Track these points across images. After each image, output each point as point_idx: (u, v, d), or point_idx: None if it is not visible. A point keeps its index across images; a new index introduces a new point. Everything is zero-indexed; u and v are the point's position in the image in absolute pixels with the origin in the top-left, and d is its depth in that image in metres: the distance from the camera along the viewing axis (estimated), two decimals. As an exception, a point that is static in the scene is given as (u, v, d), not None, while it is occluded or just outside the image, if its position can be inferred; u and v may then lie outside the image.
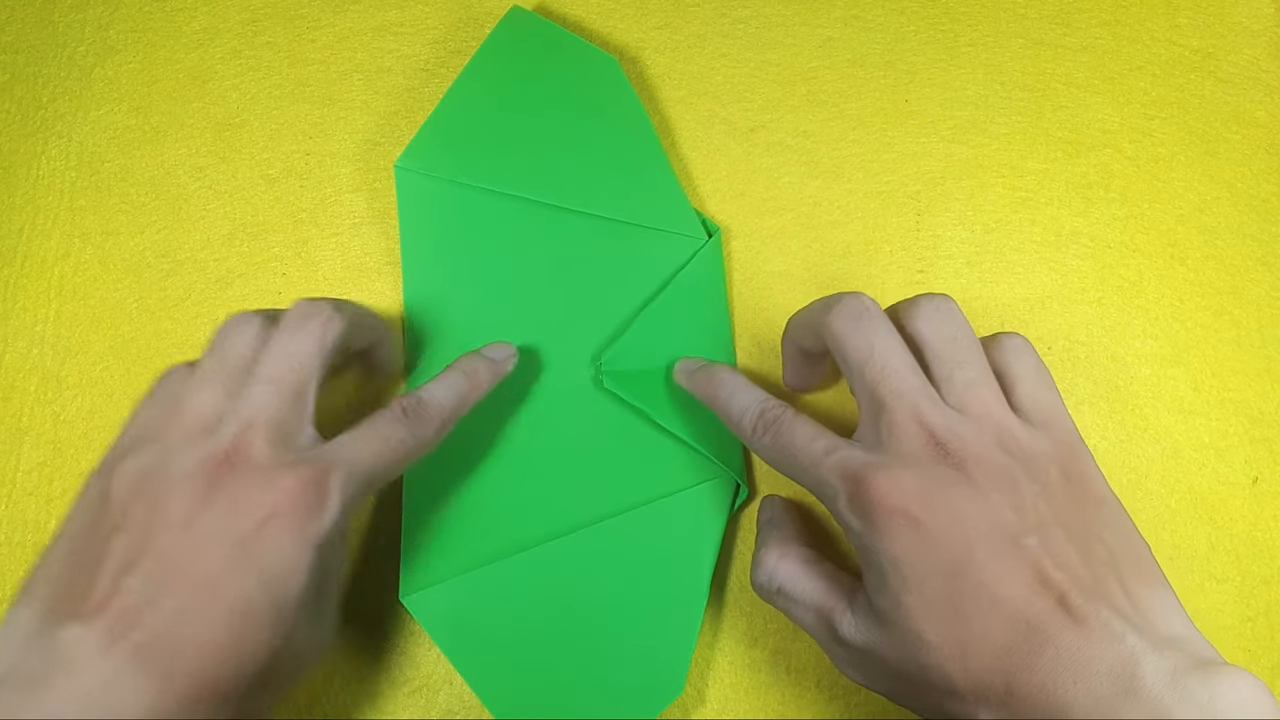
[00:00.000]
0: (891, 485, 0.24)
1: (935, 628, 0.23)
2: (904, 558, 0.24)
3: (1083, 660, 0.22)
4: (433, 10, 0.39)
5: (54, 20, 0.38)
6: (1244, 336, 0.35)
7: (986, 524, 0.24)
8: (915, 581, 0.24)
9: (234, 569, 0.23)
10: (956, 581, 0.23)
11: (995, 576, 0.23)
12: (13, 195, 0.36)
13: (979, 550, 0.23)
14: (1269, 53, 0.39)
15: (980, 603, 0.23)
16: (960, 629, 0.23)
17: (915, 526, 0.24)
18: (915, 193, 0.37)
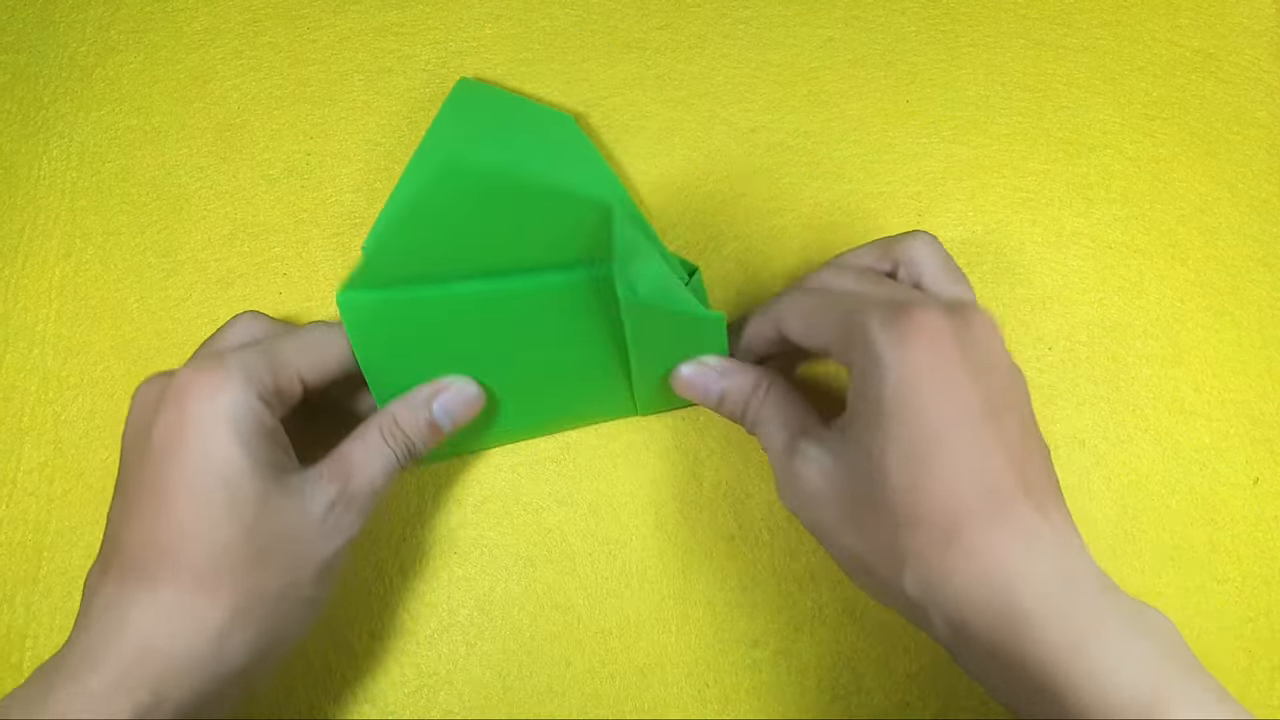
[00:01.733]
0: (938, 320, 0.25)
1: (902, 463, 0.24)
2: (909, 381, 0.24)
3: (1038, 541, 0.23)
4: (433, 10, 0.39)
5: (55, 21, 0.38)
6: (1245, 337, 0.35)
7: (988, 401, 0.25)
8: (909, 411, 0.24)
9: (160, 472, 0.25)
10: (943, 430, 0.24)
11: (980, 440, 0.24)
12: (14, 195, 0.36)
13: (974, 409, 0.24)
14: (1270, 53, 0.39)
15: (957, 456, 0.24)
16: (924, 471, 0.24)
17: (935, 361, 0.24)
18: (916, 193, 0.37)
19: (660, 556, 0.33)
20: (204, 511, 0.24)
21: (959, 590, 0.23)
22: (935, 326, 0.25)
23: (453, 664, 0.32)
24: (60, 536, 0.33)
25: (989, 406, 0.25)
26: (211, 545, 0.24)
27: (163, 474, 0.25)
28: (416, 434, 0.29)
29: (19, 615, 0.32)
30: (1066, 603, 0.23)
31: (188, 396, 0.25)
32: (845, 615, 0.32)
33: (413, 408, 0.29)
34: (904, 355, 0.25)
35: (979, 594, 0.23)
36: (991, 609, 0.23)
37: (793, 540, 0.33)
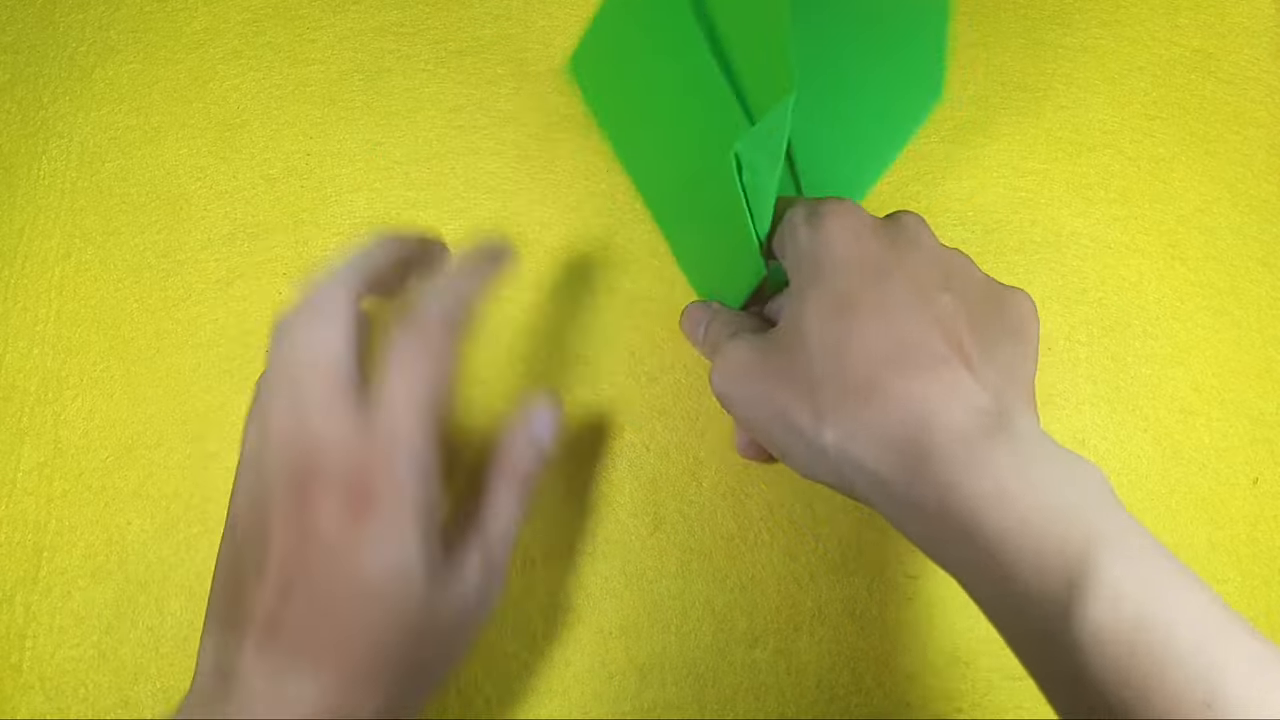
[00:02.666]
0: (850, 214, 0.27)
1: (822, 323, 0.25)
2: (828, 257, 0.26)
3: (960, 391, 0.23)
4: (433, 10, 0.39)
5: (55, 21, 0.38)
6: (1244, 336, 0.35)
7: (912, 274, 0.25)
8: (826, 281, 0.25)
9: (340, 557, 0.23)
10: (861, 293, 0.25)
11: (901, 302, 0.25)
12: (13, 195, 0.36)
13: (895, 282, 0.25)
14: (1269, 53, 0.39)
15: (875, 314, 0.24)
16: (842, 329, 0.25)
17: (854, 239, 0.26)
18: (916, 193, 0.37)
19: (660, 556, 0.33)
20: (374, 610, 0.23)
21: (873, 438, 0.23)
22: (851, 211, 0.27)
23: (453, 664, 0.32)
24: (60, 536, 0.33)
25: (912, 278, 0.25)
26: (377, 644, 0.23)
27: (330, 558, 0.23)
28: (534, 468, 0.28)
29: (18, 615, 0.32)
30: (988, 448, 0.22)
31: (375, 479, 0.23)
32: (845, 615, 0.32)
33: (514, 438, 0.28)
34: (822, 236, 0.26)
35: (892, 440, 0.23)
36: (904, 456, 0.23)
37: (793, 540, 0.33)
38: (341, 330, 0.24)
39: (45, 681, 0.32)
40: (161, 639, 0.32)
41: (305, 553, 0.24)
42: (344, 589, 0.23)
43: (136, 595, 0.32)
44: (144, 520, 0.33)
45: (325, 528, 0.23)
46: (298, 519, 0.24)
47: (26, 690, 0.31)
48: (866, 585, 0.33)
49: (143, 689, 0.32)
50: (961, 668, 0.32)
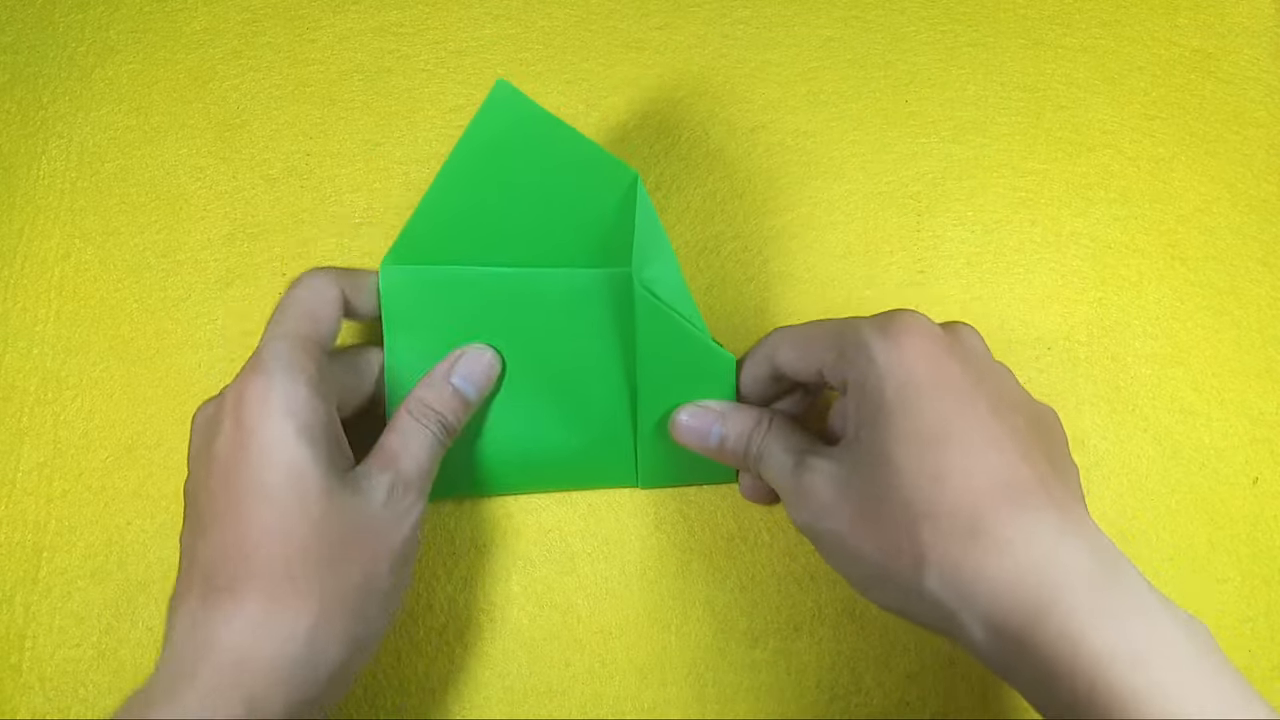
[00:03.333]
0: (928, 324, 0.26)
1: (913, 457, 0.24)
2: (911, 380, 0.24)
3: (1068, 531, 0.22)
4: (433, 10, 0.39)
5: (54, 21, 0.38)
6: (1244, 336, 0.35)
7: (991, 398, 0.25)
8: (913, 406, 0.24)
9: (223, 484, 0.25)
10: (952, 421, 0.24)
11: (990, 433, 0.24)
12: (13, 195, 0.36)
13: (978, 403, 0.24)
14: (1269, 53, 0.39)
15: (969, 448, 0.24)
16: (937, 462, 0.24)
17: (933, 359, 0.25)
18: (915, 193, 0.37)
19: (660, 556, 0.33)
20: (275, 514, 0.24)
21: (985, 583, 0.22)
22: (927, 329, 0.25)
23: (452, 664, 0.32)
24: (60, 536, 0.33)
25: (993, 403, 0.24)
26: (287, 549, 0.24)
27: (230, 485, 0.25)
28: (445, 407, 0.29)
29: (18, 615, 0.32)
30: (1112, 600, 0.21)
31: (243, 404, 0.25)
32: (845, 615, 0.32)
33: (434, 384, 0.30)
34: (901, 356, 0.25)
35: (1007, 586, 0.22)
36: (1022, 604, 0.22)
37: (793, 540, 0.33)
38: None
39: (45, 681, 0.32)
40: (161, 639, 0.32)
41: (210, 485, 0.25)
42: (242, 503, 0.24)
43: (136, 595, 0.32)
44: (144, 520, 0.33)
45: (219, 452, 0.25)
46: (204, 459, 0.26)
47: (26, 690, 0.31)
48: (866, 585, 0.33)
49: (143, 689, 0.32)
50: (960, 668, 0.32)
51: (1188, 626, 0.22)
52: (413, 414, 0.29)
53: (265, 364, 0.26)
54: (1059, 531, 0.22)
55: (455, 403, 0.30)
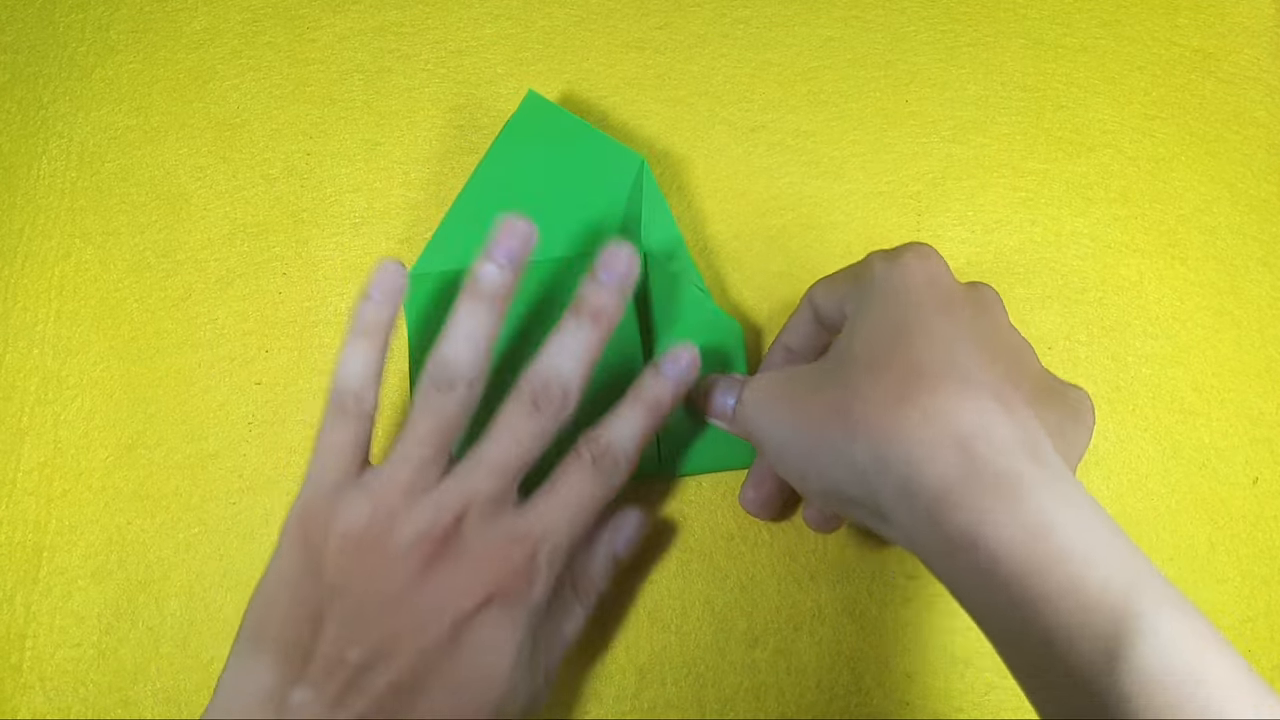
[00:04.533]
0: (933, 258, 0.26)
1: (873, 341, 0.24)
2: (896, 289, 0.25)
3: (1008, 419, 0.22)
4: (433, 10, 0.39)
5: (54, 20, 0.38)
6: (1244, 336, 0.35)
7: (979, 323, 0.25)
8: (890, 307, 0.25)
9: (450, 649, 0.24)
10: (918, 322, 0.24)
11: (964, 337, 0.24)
12: (13, 195, 0.36)
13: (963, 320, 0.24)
14: (1269, 53, 0.39)
15: (925, 339, 0.24)
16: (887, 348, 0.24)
17: (930, 277, 0.25)
18: (916, 193, 0.37)
19: (660, 556, 0.33)
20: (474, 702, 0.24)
21: (907, 446, 0.22)
22: (935, 260, 0.26)
23: (452, 664, 0.32)
24: (60, 536, 0.33)
25: (972, 326, 0.24)
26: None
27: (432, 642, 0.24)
28: (603, 577, 0.29)
29: (19, 615, 0.32)
30: (1028, 479, 0.21)
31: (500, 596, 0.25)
32: (845, 615, 0.32)
33: (596, 554, 0.29)
34: (901, 273, 0.25)
35: (928, 451, 0.22)
36: (938, 471, 0.21)
37: (792, 540, 0.33)
38: None
39: (45, 681, 0.32)
40: (161, 639, 0.32)
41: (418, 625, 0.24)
42: (441, 681, 0.24)
43: (136, 595, 0.32)
44: (144, 520, 0.33)
45: (447, 608, 0.24)
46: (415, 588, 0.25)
47: (26, 690, 0.31)
48: (866, 585, 0.33)
49: (143, 689, 0.32)
50: (961, 668, 0.32)
51: (1107, 517, 0.21)
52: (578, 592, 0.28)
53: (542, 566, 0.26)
54: (997, 416, 0.22)
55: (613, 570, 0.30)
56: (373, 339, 0.28)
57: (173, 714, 0.31)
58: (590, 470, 0.27)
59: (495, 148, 0.34)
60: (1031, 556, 0.20)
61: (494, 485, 0.26)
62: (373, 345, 0.28)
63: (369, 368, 0.28)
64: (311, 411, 0.34)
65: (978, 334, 0.24)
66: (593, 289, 0.28)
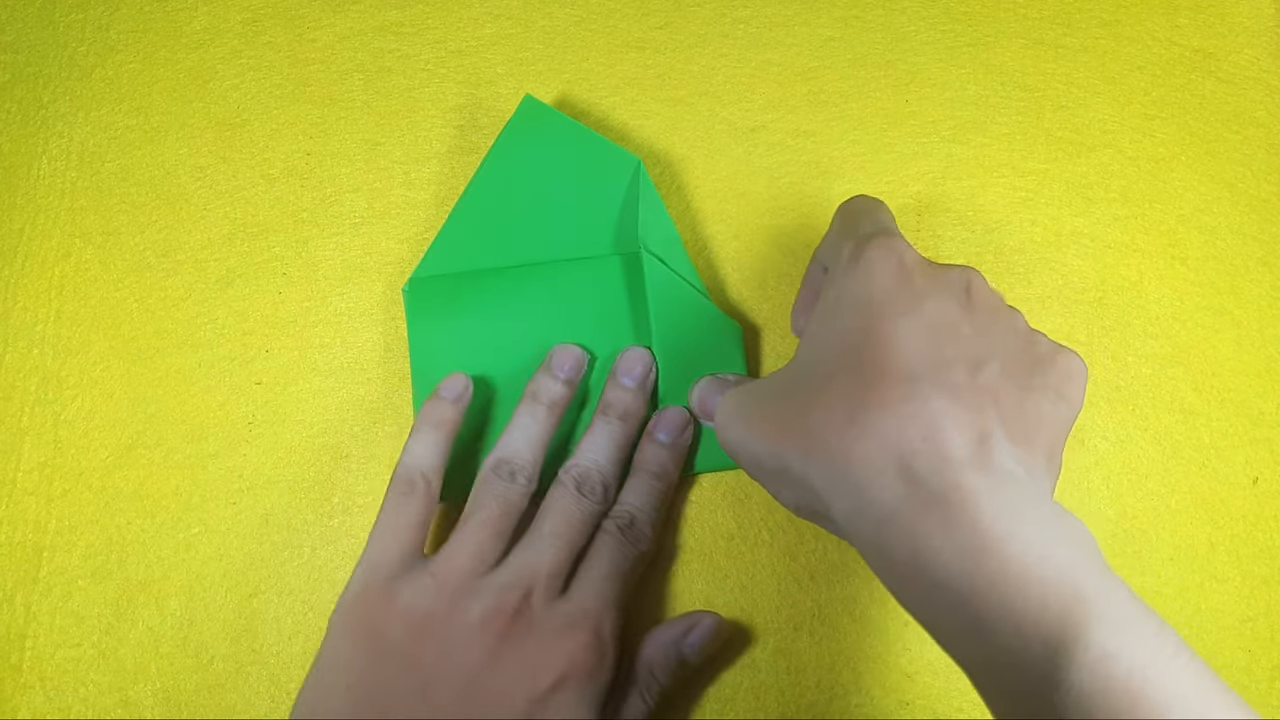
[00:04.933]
0: (894, 250, 0.25)
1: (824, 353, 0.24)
2: (854, 294, 0.24)
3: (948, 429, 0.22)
4: (433, 10, 0.39)
5: (55, 20, 0.38)
6: (1244, 336, 0.35)
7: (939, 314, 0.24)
8: (842, 314, 0.24)
9: None
10: (877, 326, 0.24)
11: (915, 339, 0.23)
12: (13, 195, 0.36)
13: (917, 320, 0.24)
14: (1269, 53, 0.39)
15: (886, 347, 0.23)
16: (844, 358, 0.24)
17: (891, 276, 0.24)
18: (916, 193, 0.37)
19: (660, 557, 0.33)
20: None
21: (848, 472, 0.22)
22: (896, 247, 0.25)
23: (453, 664, 0.32)
24: (60, 536, 0.33)
25: (938, 318, 0.24)
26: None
27: None
28: (665, 675, 0.29)
29: (19, 615, 0.32)
30: (964, 496, 0.20)
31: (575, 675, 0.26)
32: (845, 615, 0.32)
33: (665, 649, 0.30)
34: (857, 268, 0.25)
35: (865, 476, 0.22)
36: (877, 498, 0.21)
37: (792, 540, 0.33)
38: None
39: (45, 681, 0.32)
40: (161, 639, 0.32)
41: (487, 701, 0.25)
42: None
43: (136, 595, 0.32)
44: (144, 520, 0.33)
45: (521, 688, 0.25)
46: (489, 666, 0.25)
47: (26, 690, 0.31)
48: (866, 585, 0.33)
49: (143, 689, 0.32)
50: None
51: (1054, 525, 0.21)
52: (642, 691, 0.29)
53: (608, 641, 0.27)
54: (938, 419, 0.22)
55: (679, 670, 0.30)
56: (441, 430, 0.30)
57: (173, 714, 0.31)
58: (621, 542, 0.29)
59: (493, 153, 0.34)
60: (970, 580, 0.20)
61: (554, 562, 0.28)
62: (442, 436, 0.30)
63: (438, 454, 0.30)
64: (311, 411, 0.34)
65: (938, 325, 0.24)
66: (618, 393, 0.31)
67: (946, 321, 0.24)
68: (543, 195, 0.34)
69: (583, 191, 0.34)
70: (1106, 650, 0.19)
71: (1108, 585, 0.20)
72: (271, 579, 0.33)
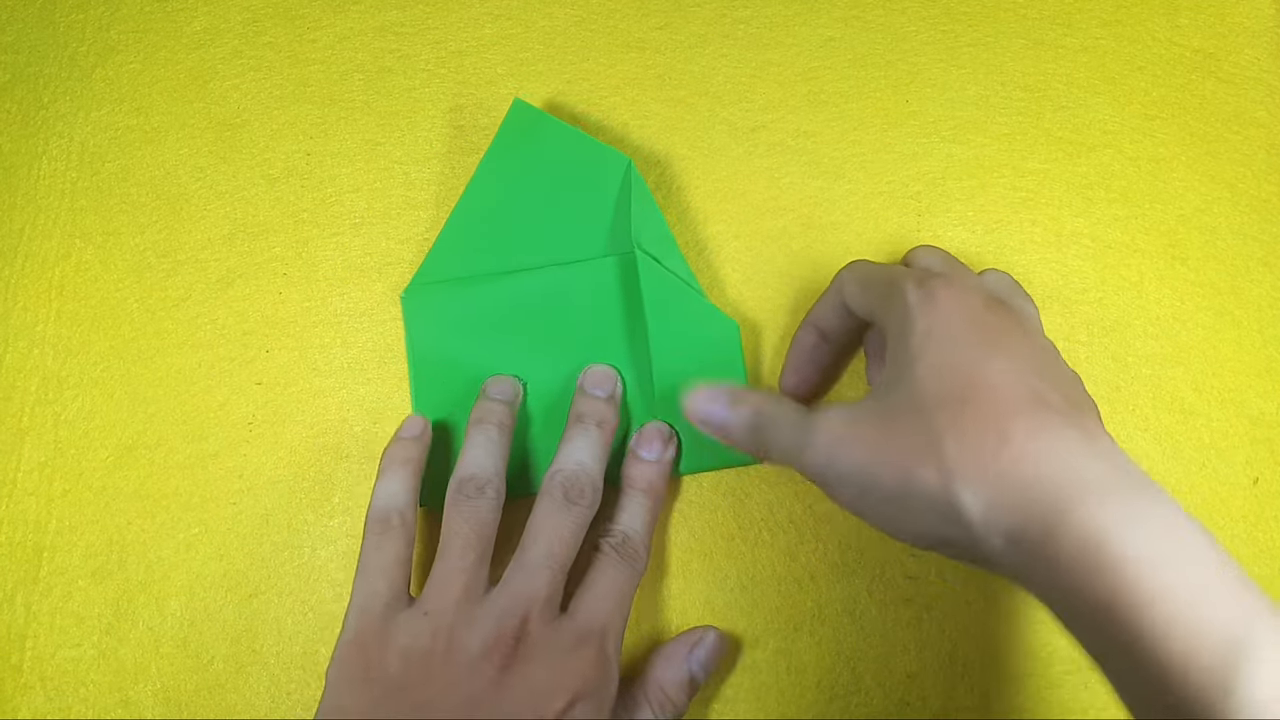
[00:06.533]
0: (963, 287, 0.27)
1: (940, 381, 0.24)
2: (938, 324, 0.25)
3: (1098, 442, 0.23)
4: (433, 10, 0.39)
5: (55, 20, 0.38)
6: (1244, 336, 0.35)
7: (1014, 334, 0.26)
8: (941, 345, 0.25)
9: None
10: (976, 352, 0.25)
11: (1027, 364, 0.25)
12: (13, 195, 0.36)
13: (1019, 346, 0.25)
14: (1269, 53, 0.39)
15: (991, 370, 0.24)
16: (966, 384, 0.24)
17: (969, 311, 0.26)
18: (916, 193, 0.37)
19: (660, 556, 0.33)
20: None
21: (1010, 488, 0.22)
22: (961, 279, 0.27)
23: (452, 664, 0.32)
24: (60, 536, 0.33)
25: (1017, 340, 0.25)
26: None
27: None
28: (678, 694, 0.30)
29: (19, 615, 0.32)
30: (1132, 506, 0.21)
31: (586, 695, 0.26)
32: (845, 615, 0.32)
33: (673, 665, 0.30)
34: (933, 304, 0.26)
35: (1031, 488, 0.22)
36: (1045, 507, 0.22)
37: (792, 540, 0.33)
38: None
39: (45, 681, 0.32)
40: (161, 639, 0.32)
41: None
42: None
43: (136, 595, 0.32)
44: (144, 520, 0.33)
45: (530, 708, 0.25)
46: (496, 694, 0.25)
47: (26, 690, 0.31)
48: (866, 585, 0.33)
49: (143, 689, 0.32)
50: (960, 668, 0.32)
51: (1207, 534, 0.22)
52: (652, 704, 0.29)
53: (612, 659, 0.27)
54: (1081, 444, 0.23)
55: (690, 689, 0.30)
56: (408, 467, 0.30)
57: (173, 714, 0.31)
58: (617, 560, 0.29)
59: (487, 158, 0.35)
60: (1145, 590, 0.20)
61: (549, 580, 0.27)
62: (409, 472, 0.30)
63: (408, 491, 0.30)
64: (312, 412, 0.34)
65: (1032, 360, 0.25)
66: (592, 403, 0.31)
67: (1037, 353, 0.26)
68: (536, 199, 0.34)
69: (575, 193, 0.34)
70: None
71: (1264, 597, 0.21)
72: (271, 579, 0.33)
